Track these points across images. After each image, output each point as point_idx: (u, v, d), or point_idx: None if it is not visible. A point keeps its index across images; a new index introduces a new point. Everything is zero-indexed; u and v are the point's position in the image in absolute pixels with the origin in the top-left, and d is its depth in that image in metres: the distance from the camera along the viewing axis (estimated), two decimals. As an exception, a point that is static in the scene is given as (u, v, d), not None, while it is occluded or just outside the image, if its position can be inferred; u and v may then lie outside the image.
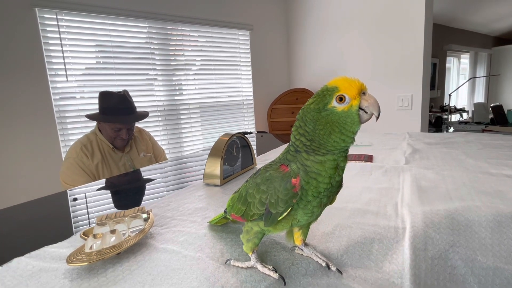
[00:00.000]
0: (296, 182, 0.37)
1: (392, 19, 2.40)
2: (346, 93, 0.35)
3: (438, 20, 5.41)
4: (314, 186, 0.37)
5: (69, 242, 0.54)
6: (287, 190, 0.37)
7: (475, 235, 0.50)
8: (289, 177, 0.38)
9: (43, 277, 0.43)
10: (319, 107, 0.36)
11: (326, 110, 0.36)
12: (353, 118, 0.36)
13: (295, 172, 0.38)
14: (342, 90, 0.35)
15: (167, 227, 0.58)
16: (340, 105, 0.35)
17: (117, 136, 1.53)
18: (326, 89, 0.36)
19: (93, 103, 2.09)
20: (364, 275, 0.41)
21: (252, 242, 0.43)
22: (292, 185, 0.37)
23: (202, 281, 0.40)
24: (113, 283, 0.41)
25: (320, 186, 0.37)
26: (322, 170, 0.37)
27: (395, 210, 0.61)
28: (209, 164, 0.85)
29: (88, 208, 0.81)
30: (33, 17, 1.96)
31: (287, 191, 0.37)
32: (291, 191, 0.37)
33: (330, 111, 0.36)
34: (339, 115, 0.36)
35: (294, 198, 0.37)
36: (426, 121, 2.45)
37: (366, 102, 0.36)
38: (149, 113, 1.71)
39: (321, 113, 0.36)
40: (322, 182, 0.37)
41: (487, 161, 0.91)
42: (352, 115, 0.36)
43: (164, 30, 2.55)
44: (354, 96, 0.35)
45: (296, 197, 0.37)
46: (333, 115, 0.36)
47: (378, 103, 0.36)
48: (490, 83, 7.34)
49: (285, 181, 0.37)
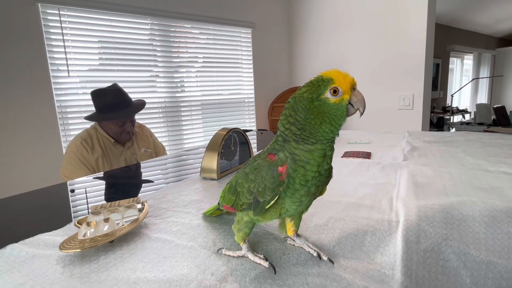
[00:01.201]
0: (282, 170, 0.37)
1: (395, 18, 2.40)
2: (340, 86, 0.36)
3: (442, 20, 5.38)
4: (302, 174, 0.37)
5: (64, 230, 0.54)
6: (273, 178, 0.37)
7: (469, 229, 0.49)
8: (275, 165, 0.38)
9: (35, 263, 0.44)
10: (312, 97, 0.37)
11: (319, 100, 0.36)
12: (342, 111, 0.37)
13: (282, 161, 0.38)
14: (336, 83, 0.36)
15: (162, 218, 0.58)
16: (333, 97, 0.36)
17: (122, 130, 1.53)
18: (321, 79, 0.37)
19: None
20: (355, 266, 0.41)
21: (243, 232, 0.43)
22: (278, 173, 0.37)
23: (192, 268, 0.41)
24: (105, 269, 0.41)
25: (308, 174, 0.37)
26: (311, 158, 0.37)
27: (389, 204, 0.61)
28: (206, 158, 0.85)
29: (87, 199, 0.81)
30: (36, 13, 1.97)
31: (273, 179, 0.37)
32: (277, 179, 0.37)
33: (323, 101, 0.36)
34: (331, 106, 0.36)
35: (281, 186, 0.38)
36: (427, 121, 2.44)
37: (355, 98, 0.37)
38: (146, 102, 1.71)
39: (313, 103, 0.36)
40: (310, 170, 0.37)
41: (486, 159, 0.91)
42: (342, 108, 0.37)
43: (167, 27, 2.55)
44: (346, 90, 0.36)
45: (283, 185, 0.38)
46: (325, 106, 0.36)
47: (365, 100, 0.38)
48: (493, 84, 7.30)
49: (272, 169, 0.38)
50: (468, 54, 6.76)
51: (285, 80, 3.41)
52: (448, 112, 5.20)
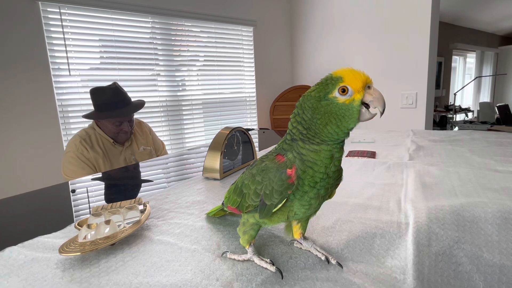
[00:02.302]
0: (291, 173, 0.36)
1: (398, 15, 2.37)
2: (349, 85, 0.34)
3: (444, 18, 5.34)
4: (311, 175, 0.36)
5: (64, 232, 0.53)
6: (281, 180, 0.36)
7: (481, 232, 0.48)
8: (284, 167, 0.36)
9: (34, 267, 0.42)
10: (319, 96, 0.35)
11: (326, 99, 0.34)
12: (352, 113, 0.34)
13: (291, 162, 0.36)
14: (346, 81, 0.34)
15: (164, 219, 0.57)
16: (342, 96, 0.34)
17: (119, 130, 1.52)
18: (330, 77, 0.35)
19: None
20: (365, 270, 0.40)
21: (249, 235, 0.42)
22: (287, 176, 0.36)
23: (196, 273, 0.39)
24: (106, 274, 0.40)
25: (316, 175, 0.36)
26: (317, 159, 0.36)
27: (398, 205, 0.59)
28: (209, 158, 0.84)
29: (89, 199, 0.80)
30: (36, 11, 1.96)
31: (281, 182, 0.36)
32: (286, 182, 0.36)
33: (331, 101, 0.34)
34: (339, 106, 0.34)
35: (289, 189, 0.36)
36: (430, 119, 2.42)
37: (371, 97, 0.34)
38: (145, 102, 1.69)
39: (320, 102, 0.35)
40: (318, 171, 0.36)
41: (493, 158, 0.89)
42: (351, 110, 0.34)
43: (168, 25, 2.53)
44: (358, 89, 0.34)
45: (292, 188, 0.36)
46: (332, 105, 0.34)
47: (384, 98, 0.34)
48: (496, 82, 7.25)
49: (280, 172, 0.36)
50: (470, 52, 6.71)
51: (287, 78, 3.39)
52: (451, 111, 5.17)
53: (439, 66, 5.70)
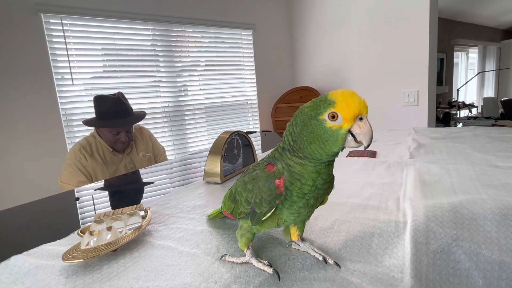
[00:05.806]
0: (280, 184, 0.36)
1: (396, 13, 2.37)
2: (340, 112, 0.33)
3: (444, 14, 5.31)
4: (298, 187, 0.36)
5: (67, 240, 0.54)
6: (270, 191, 0.37)
7: (480, 229, 0.48)
8: (273, 177, 0.37)
9: (39, 274, 0.43)
10: (311, 114, 0.35)
11: (316, 119, 0.34)
12: (336, 139, 0.34)
13: (280, 172, 0.37)
14: (337, 108, 0.33)
15: (165, 224, 0.58)
16: (330, 121, 0.33)
17: (116, 140, 1.53)
18: (325, 99, 0.34)
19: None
20: (363, 269, 0.40)
21: (246, 237, 0.43)
22: (275, 186, 0.36)
23: (195, 276, 0.40)
24: (108, 279, 0.41)
25: (304, 187, 0.36)
26: (304, 172, 0.36)
27: (396, 204, 0.59)
28: (209, 162, 0.84)
29: (94, 207, 0.81)
30: (39, 22, 2.00)
31: (270, 192, 0.37)
32: (274, 192, 0.37)
33: (319, 122, 0.34)
34: (325, 130, 0.34)
35: (278, 199, 0.37)
36: (433, 117, 2.40)
37: (359, 129, 0.33)
38: (146, 113, 1.70)
39: (310, 121, 0.35)
40: (305, 184, 0.36)
41: (494, 154, 0.89)
42: (336, 136, 0.33)
43: (168, 32, 2.56)
44: (347, 118, 0.33)
45: (280, 198, 0.37)
46: (320, 127, 0.34)
47: (372, 132, 0.34)
48: (500, 77, 7.18)
49: (269, 182, 0.37)
50: (472, 47, 6.66)
51: (288, 80, 3.40)
52: (455, 107, 5.13)
53: (441, 63, 5.67)
